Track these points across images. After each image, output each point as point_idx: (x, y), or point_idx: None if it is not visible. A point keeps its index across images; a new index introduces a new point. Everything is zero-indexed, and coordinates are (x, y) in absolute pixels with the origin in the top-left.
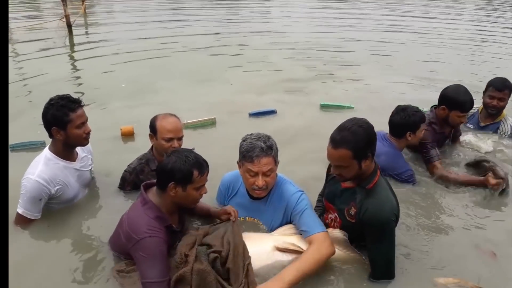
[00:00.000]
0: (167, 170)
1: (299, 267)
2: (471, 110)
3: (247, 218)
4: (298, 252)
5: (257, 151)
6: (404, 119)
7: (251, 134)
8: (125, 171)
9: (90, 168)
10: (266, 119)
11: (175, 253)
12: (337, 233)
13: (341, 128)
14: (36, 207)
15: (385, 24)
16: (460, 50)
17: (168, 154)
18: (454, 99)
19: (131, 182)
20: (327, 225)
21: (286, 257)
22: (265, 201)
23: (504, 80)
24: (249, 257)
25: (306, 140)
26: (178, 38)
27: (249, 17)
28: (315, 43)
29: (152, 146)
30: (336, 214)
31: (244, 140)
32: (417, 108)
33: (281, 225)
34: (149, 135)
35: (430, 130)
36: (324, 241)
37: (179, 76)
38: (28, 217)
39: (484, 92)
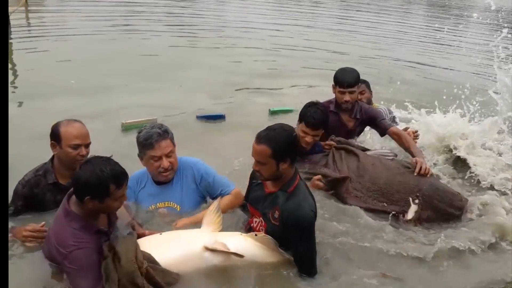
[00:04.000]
0: (82, 184)
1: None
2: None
3: (158, 204)
4: (228, 254)
5: (155, 136)
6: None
7: (145, 126)
8: (18, 183)
9: None
10: (214, 124)
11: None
12: (265, 237)
13: (268, 128)
14: None
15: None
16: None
17: (82, 164)
18: (335, 74)
19: (22, 196)
20: (253, 229)
21: (217, 257)
22: (171, 182)
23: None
24: (144, 262)
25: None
26: (134, 33)
27: (205, 19)
28: (272, 45)
29: (52, 157)
30: (261, 218)
31: (139, 132)
32: (325, 109)
33: (192, 194)
34: (51, 144)
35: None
36: (240, 193)
37: (133, 74)
38: None
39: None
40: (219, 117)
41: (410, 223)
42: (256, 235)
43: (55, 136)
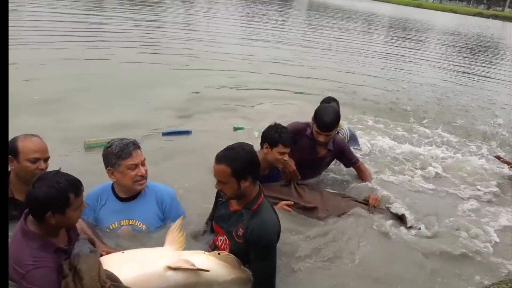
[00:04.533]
0: (40, 201)
1: None
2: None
3: (121, 221)
4: (191, 270)
5: (131, 145)
6: (267, 130)
7: (113, 140)
8: None
9: None
10: (179, 142)
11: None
12: (228, 255)
13: (227, 148)
14: None
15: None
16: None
17: (34, 183)
18: (316, 111)
19: None
20: (218, 247)
21: (180, 275)
22: (137, 199)
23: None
24: (107, 281)
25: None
26: (100, 48)
27: (173, 33)
28: (240, 61)
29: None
30: (225, 237)
31: (109, 146)
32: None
33: (155, 217)
34: (9, 158)
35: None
36: None
37: (99, 89)
38: None
39: None
40: (185, 133)
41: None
42: (219, 253)
43: (12, 150)
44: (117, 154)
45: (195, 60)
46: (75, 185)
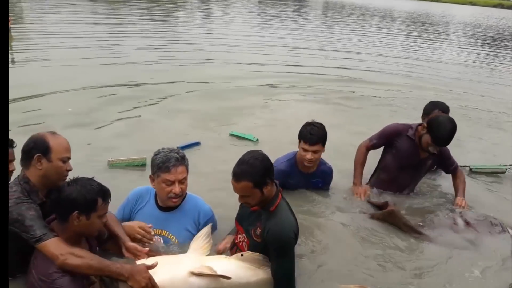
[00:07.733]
0: (71, 199)
1: None
2: None
3: (154, 230)
4: (213, 276)
5: (173, 161)
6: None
7: (163, 149)
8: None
9: None
10: (191, 151)
11: None
12: (256, 255)
13: (240, 163)
14: None
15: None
16: None
17: (69, 183)
18: (436, 124)
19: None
20: (237, 245)
21: (203, 280)
22: (175, 211)
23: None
24: None
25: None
26: (126, 56)
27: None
28: (258, 67)
29: (22, 175)
30: (244, 235)
31: (157, 154)
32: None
33: (189, 231)
34: (37, 157)
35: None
36: None
37: (124, 101)
38: None
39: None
40: (195, 144)
41: None
42: (242, 255)
43: (43, 148)
44: (158, 166)
45: (213, 64)
46: (105, 191)
